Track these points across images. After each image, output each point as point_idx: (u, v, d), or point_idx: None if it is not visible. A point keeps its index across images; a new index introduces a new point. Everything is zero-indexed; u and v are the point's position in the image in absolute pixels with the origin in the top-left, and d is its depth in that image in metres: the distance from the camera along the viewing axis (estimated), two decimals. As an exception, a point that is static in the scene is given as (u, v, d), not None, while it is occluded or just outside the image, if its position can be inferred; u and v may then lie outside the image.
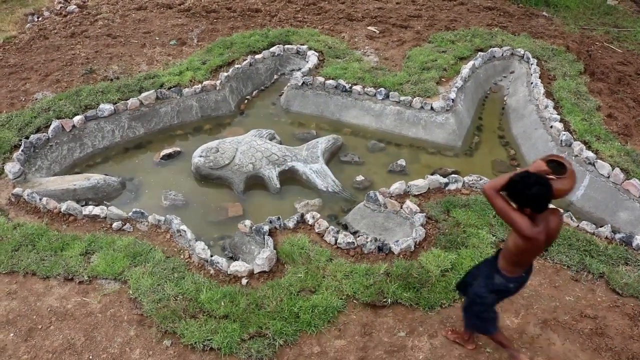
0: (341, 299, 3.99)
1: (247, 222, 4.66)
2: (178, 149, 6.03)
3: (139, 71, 7.05)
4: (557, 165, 2.91)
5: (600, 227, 4.76)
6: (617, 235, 4.64)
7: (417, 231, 4.54)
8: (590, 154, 5.51)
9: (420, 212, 4.77)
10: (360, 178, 5.68)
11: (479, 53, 7.56)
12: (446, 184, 5.18)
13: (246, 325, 3.73)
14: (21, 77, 6.92)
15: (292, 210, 5.24)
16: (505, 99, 7.31)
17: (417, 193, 5.09)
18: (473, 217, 4.73)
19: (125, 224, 4.70)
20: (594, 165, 5.44)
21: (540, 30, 8.57)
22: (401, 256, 4.38)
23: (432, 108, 6.42)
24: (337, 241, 4.47)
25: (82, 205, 4.91)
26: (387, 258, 4.38)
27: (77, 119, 5.92)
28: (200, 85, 6.67)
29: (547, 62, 7.41)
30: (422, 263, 4.25)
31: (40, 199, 4.86)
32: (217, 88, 6.75)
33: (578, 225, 4.75)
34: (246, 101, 7.11)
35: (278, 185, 5.50)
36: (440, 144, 6.33)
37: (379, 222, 4.93)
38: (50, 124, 5.78)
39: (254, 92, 7.30)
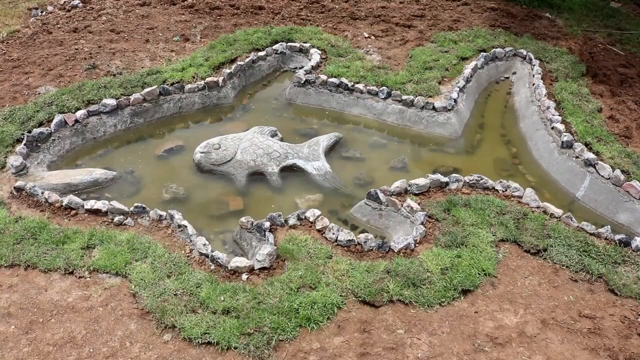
0: (341, 296, 4.01)
1: (249, 218, 4.68)
2: (180, 143, 6.06)
3: (141, 67, 7.07)
4: None
5: (600, 228, 4.77)
6: (617, 236, 4.66)
7: (417, 229, 4.56)
8: (591, 156, 5.53)
9: (420, 211, 4.78)
10: (361, 174, 5.70)
11: (482, 53, 7.57)
12: (447, 183, 5.19)
13: (246, 321, 3.75)
14: (24, 72, 6.94)
15: (293, 205, 5.26)
16: (507, 99, 7.32)
17: (417, 192, 5.11)
18: (473, 216, 4.75)
19: (126, 219, 4.72)
20: (595, 167, 5.46)
21: (543, 32, 8.57)
22: (401, 254, 4.39)
23: (433, 107, 6.44)
24: (338, 238, 4.49)
25: (84, 199, 4.93)
26: (387, 256, 4.40)
27: (80, 113, 5.94)
28: (202, 82, 6.69)
29: (549, 64, 7.42)
30: (422, 261, 4.26)
31: (42, 193, 4.88)
32: (220, 84, 6.76)
33: (578, 226, 4.76)
34: (248, 98, 7.13)
35: (279, 182, 5.52)
36: (442, 142, 6.35)
37: (380, 219, 4.95)
38: (53, 118, 5.80)
39: (257, 89, 7.32)
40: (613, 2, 10.13)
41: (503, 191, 5.16)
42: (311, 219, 4.71)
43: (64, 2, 9.23)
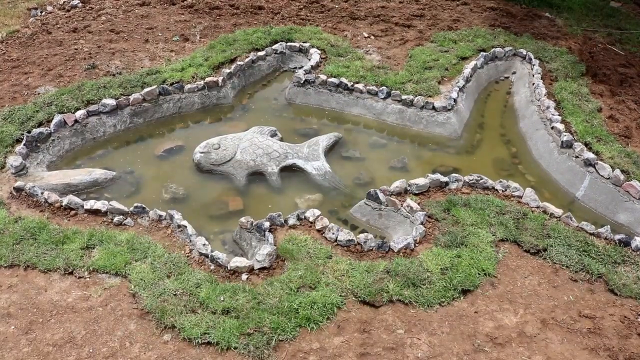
0: (341, 296, 4.00)
1: (248, 218, 4.68)
2: (179, 143, 6.05)
3: (141, 67, 7.06)
4: None
5: (600, 227, 4.77)
6: (617, 236, 4.66)
7: (417, 229, 4.55)
8: (591, 155, 5.53)
9: (420, 211, 4.78)
10: (361, 174, 5.70)
11: (481, 53, 7.57)
12: (447, 183, 5.19)
13: (246, 321, 3.75)
14: (24, 72, 6.93)
15: (293, 205, 5.26)
16: (507, 99, 7.32)
17: (417, 191, 5.11)
18: (473, 216, 4.74)
19: (126, 219, 4.71)
20: (595, 167, 5.46)
21: (543, 31, 8.57)
22: (401, 254, 4.39)
23: (433, 107, 6.44)
24: (337, 238, 4.49)
25: (84, 200, 4.93)
26: (387, 256, 4.40)
27: (80, 113, 5.94)
28: (202, 82, 6.69)
29: (549, 63, 7.42)
30: (421, 261, 4.26)
31: (42, 193, 4.87)
32: (219, 84, 6.76)
33: (577, 226, 4.76)
34: (248, 98, 7.13)
35: (279, 182, 5.52)
36: (442, 142, 6.35)
37: (380, 219, 4.95)
38: (53, 119, 5.80)
39: (256, 89, 7.32)
40: (613, 2, 10.13)
41: (503, 191, 5.16)
42: (311, 219, 4.70)
43: (64, 2, 9.23)
